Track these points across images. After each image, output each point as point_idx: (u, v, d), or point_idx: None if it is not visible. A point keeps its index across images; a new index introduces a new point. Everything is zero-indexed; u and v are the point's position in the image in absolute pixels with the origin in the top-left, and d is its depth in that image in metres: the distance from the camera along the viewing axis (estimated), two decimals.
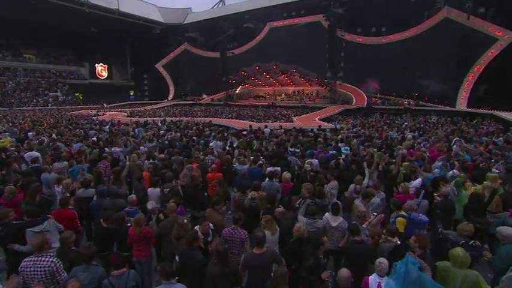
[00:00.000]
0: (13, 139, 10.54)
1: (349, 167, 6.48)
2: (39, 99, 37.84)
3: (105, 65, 49.85)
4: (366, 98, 29.63)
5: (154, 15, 45.35)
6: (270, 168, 5.83)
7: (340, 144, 8.74)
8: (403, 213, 4.27)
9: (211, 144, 8.37)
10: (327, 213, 4.01)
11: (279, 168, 5.90)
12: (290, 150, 7.74)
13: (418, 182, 5.09)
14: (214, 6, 49.47)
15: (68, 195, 4.62)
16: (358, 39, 33.47)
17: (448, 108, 25.24)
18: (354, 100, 29.69)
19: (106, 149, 8.03)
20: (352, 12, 32.56)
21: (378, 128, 12.66)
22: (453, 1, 26.63)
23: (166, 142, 9.08)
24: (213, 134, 10.65)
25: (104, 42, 47.13)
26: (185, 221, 3.61)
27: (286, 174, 5.48)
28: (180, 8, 47.83)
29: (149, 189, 5.10)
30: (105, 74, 49.86)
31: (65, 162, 6.52)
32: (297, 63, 32.95)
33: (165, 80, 47.38)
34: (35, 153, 7.29)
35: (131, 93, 48.81)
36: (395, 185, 5.29)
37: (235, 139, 9.55)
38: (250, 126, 11.90)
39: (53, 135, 11.22)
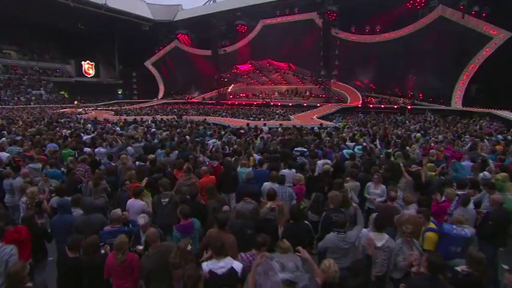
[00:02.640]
0: None
1: (367, 167, 5.75)
2: (21, 97, 35.94)
3: (92, 63, 48.02)
4: (360, 97, 29.25)
5: (143, 11, 43.83)
6: (284, 171, 5.01)
7: (349, 143, 8.01)
8: (433, 225, 3.51)
9: (210, 141, 7.45)
10: (364, 230, 3.20)
11: (293, 171, 5.09)
12: (297, 150, 6.93)
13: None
14: (206, 3, 48.34)
15: (33, 207, 3.65)
16: (352, 37, 33.05)
17: (443, 107, 25.05)
18: (349, 99, 29.26)
19: (87, 149, 7.02)
20: (345, 10, 32.07)
21: (383, 126, 12.00)
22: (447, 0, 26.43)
23: (156, 141, 8.09)
24: (208, 132, 9.73)
25: (90, 38, 45.24)
26: (189, 247, 2.61)
27: (299, 175, 4.68)
28: (170, 5, 46.47)
29: (129, 201, 3.96)
30: (92, 71, 48.02)
31: (39, 164, 5.54)
32: (290, 61, 32.55)
33: (155, 78, 45.98)
34: (5, 155, 6.28)
35: (119, 92, 47.17)
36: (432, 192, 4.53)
37: (233, 138, 8.66)
38: (248, 124, 11.07)
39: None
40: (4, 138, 9.27)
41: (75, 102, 34.88)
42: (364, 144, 7.57)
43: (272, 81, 37.90)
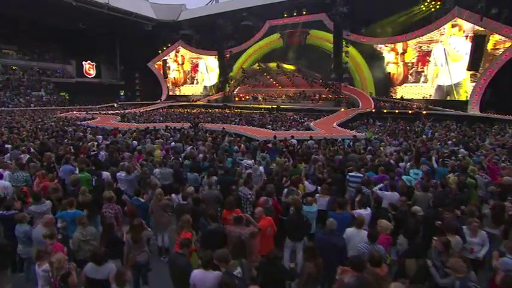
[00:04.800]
0: None
1: (441, 203, 4.81)
2: (21, 99, 34.80)
3: (93, 63, 46.88)
4: (372, 101, 28.38)
5: (146, 11, 42.79)
6: (358, 212, 4.05)
7: (401, 164, 7.07)
8: None
9: (246, 162, 6.28)
10: None
11: (369, 211, 4.14)
12: (352, 176, 5.93)
13: None
14: (208, 3, 47.22)
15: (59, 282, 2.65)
16: (362, 39, 32.29)
17: (460, 112, 24.17)
18: (360, 103, 28.35)
19: (105, 174, 5.95)
20: (356, 11, 31.21)
21: (423, 139, 10.91)
22: (464, 2, 25.56)
23: (188, 161, 6.89)
24: (234, 147, 8.66)
25: (92, 38, 44.01)
26: None
27: (385, 222, 3.72)
28: (174, 4, 45.42)
29: (195, 274, 2.88)
30: (93, 72, 46.91)
31: (47, 203, 4.35)
32: (298, 63, 31.87)
33: (158, 80, 44.94)
34: (4, 184, 5.21)
35: (122, 93, 46.02)
36: None
37: (266, 157, 7.58)
38: (275, 136, 10.04)
39: (31, 149, 8.85)
40: (8, 154, 8.26)
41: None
42: (427, 167, 6.53)
43: (279, 84, 36.93)
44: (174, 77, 45.96)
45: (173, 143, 9.23)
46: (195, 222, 4.12)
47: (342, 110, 25.38)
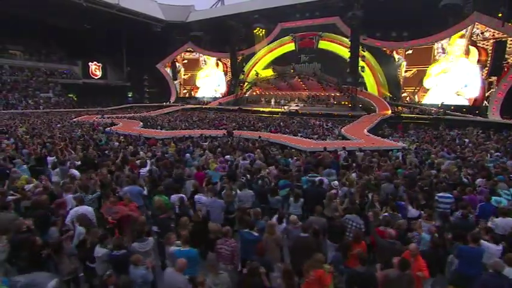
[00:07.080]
0: (22, 169, 7.62)
1: None
2: (29, 101, 34.18)
3: (99, 64, 46.25)
4: (389, 106, 28.12)
5: (154, 11, 42.29)
6: (490, 245, 3.65)
7: (478, 181, 6.71)
8: None
9: (334, 184, 5.59)
10: None
11: (500, 248, 3.76)
12: (440, 196, 5.53)
13: None
14: (213, 5, 46.68)
15: None
16: (377, 43, 32.09)
17: (480, 118, 23.92)
18: (377, 108, 28.06)
19: (173, 198, 5.32)
20: (370, 15, 30.94)
21: (473, 151, 10.51)
22: (483, 6, 25.30)
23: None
24: (294, 162, 8.11)
25: (97, 39, 43.45)
26: None
27: None
28: (183, 5, 44.95)
29: None
30: (99, 73, 46.26)
31: (150, 240, 3.88)
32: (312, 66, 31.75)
33: (166, 81, 44.43)
34: (87, 210, 4.70)
35: (129, 95, 45.37)
36: None
37: (333, 173, 7.14)
38: (325, 148, 9.64)
39: (75, 162, 8.17)
40: (57, 169, 7.70)
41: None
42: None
43: (291, 87, 36.58)
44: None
45: (228, 156, 8.60)
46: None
47: (364, 115, 24.94)
